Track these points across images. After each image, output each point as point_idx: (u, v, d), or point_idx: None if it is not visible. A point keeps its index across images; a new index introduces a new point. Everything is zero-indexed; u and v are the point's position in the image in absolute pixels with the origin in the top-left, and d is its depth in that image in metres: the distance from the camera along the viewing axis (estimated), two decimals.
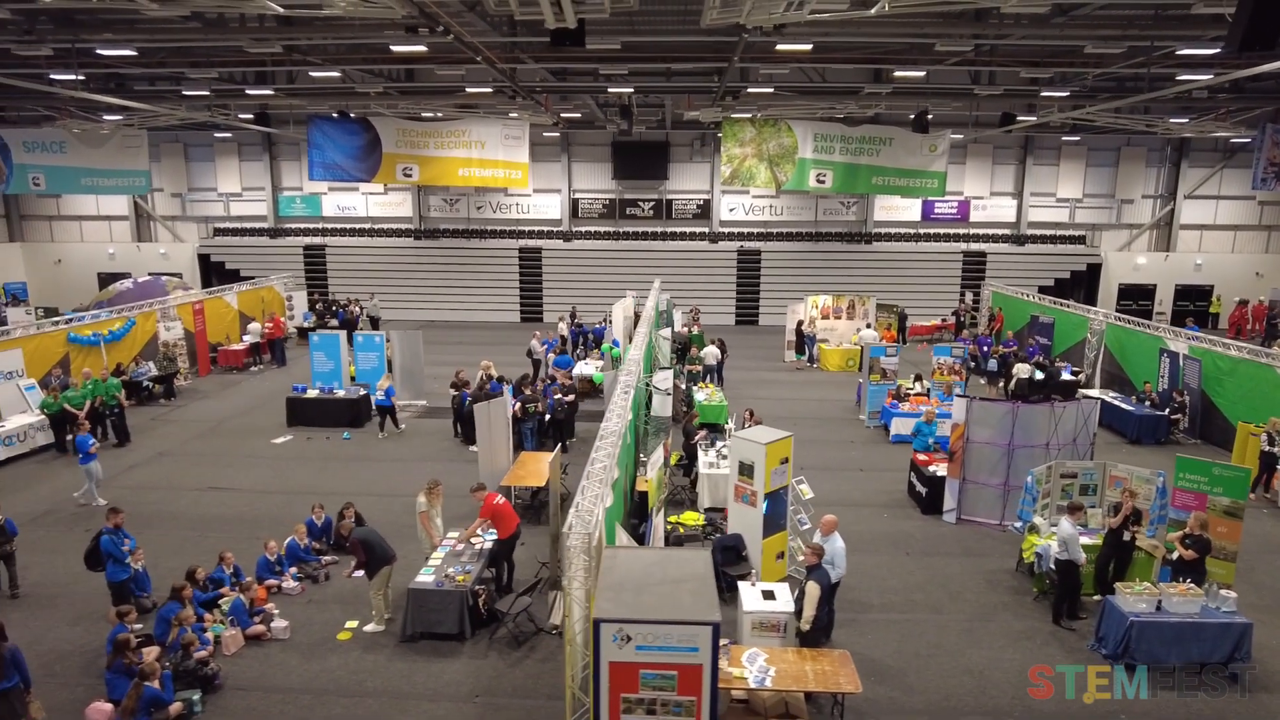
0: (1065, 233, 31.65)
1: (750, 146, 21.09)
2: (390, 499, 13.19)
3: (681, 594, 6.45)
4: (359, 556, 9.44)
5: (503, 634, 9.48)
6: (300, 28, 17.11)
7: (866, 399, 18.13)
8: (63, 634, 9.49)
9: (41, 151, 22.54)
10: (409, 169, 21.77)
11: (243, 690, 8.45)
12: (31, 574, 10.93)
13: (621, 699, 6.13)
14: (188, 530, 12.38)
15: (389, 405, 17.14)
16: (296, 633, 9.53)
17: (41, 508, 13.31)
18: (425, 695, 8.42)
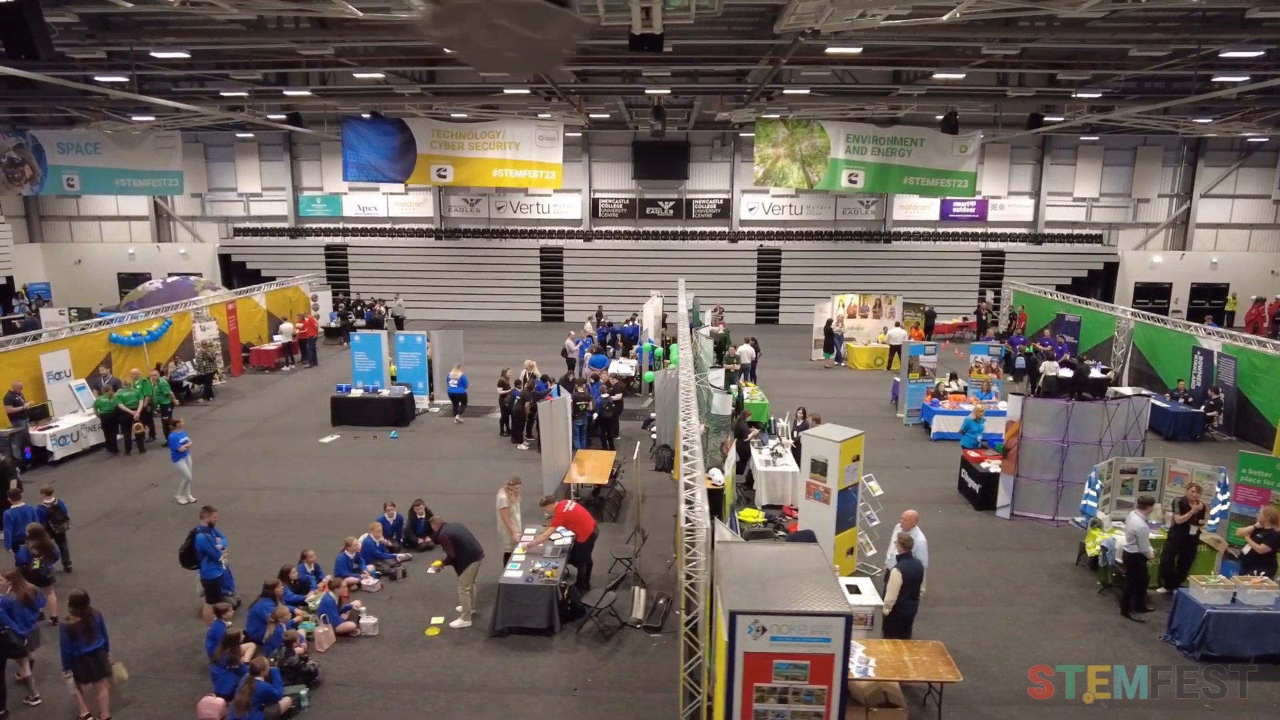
0: (1082, 232, 31.96)
1: (783, 147, 21.28)
2: (447, 496, 13.31)
3: (806, 586, 6.64)
4: (449, 552, 9.59)
5: (589, 628, 9.66)
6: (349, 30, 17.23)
7: (905, 397, 18.33)
8: (154, 631, 9.61)
9: (75, 153, 22.60)
10: (443, 170, 21.90)
11: (343, 686, 8.60)
12: (110, 572, 11.07)
13: (755, 688, 6.32)
14: (251, 529, 12.47)
15: (462, 392, 18.10)
16: (384, 629, 9.68)
17: (104, 507, 13.41)
18: (524, 689, 8.59)
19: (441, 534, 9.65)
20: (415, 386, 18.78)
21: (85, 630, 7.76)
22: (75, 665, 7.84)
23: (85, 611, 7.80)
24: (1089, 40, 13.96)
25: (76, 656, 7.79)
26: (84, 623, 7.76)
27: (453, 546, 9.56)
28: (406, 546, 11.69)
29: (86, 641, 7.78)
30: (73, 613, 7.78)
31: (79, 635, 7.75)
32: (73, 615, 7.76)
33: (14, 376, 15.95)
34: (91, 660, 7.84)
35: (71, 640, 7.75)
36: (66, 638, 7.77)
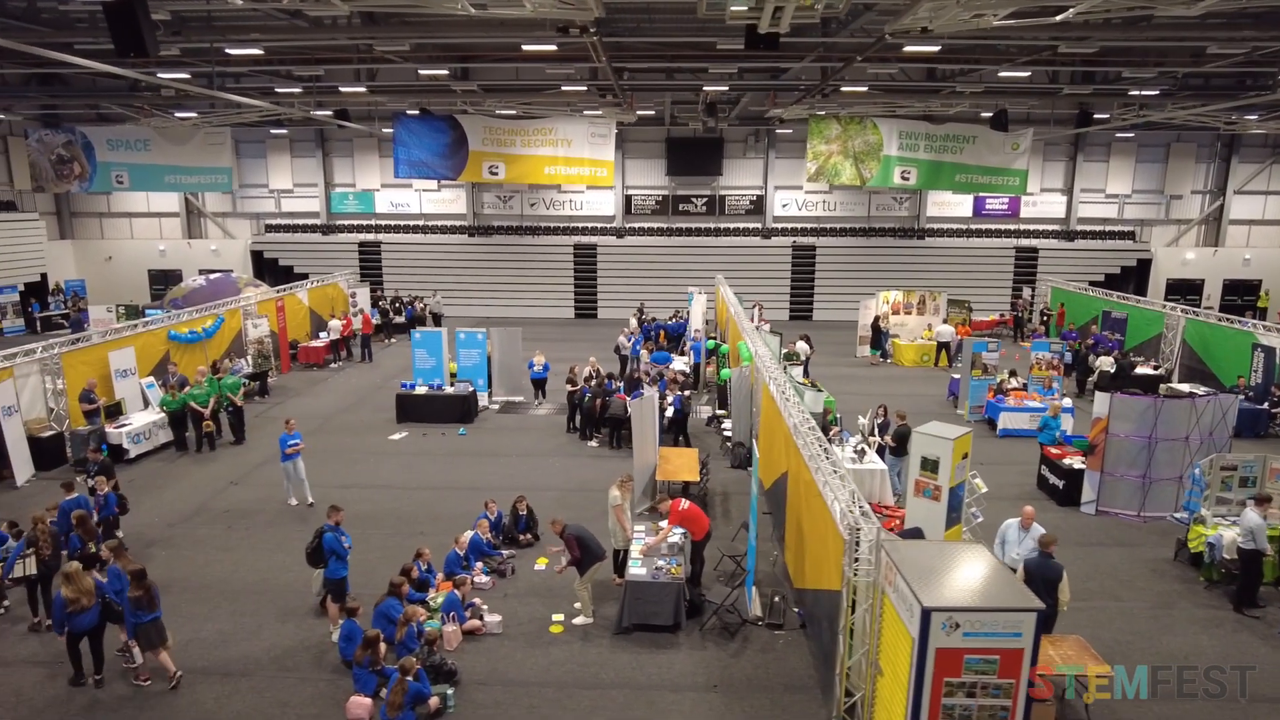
0: (1114, 228, 32.07)
1: (836, 144, 21.32)
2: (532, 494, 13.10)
3: (986, 582, 6.69)
4: (573, 553, 9.61)
5: (712, 625, 9.69)
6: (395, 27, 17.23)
7: (968, 394, 18.40)
8: (277, 630, 9.61)
9: (125, 149, 22.51)
10: (495, 167, 21.87)
11: (483, 685, 8.61)
12: (215, 571, 11.06)
13: (944, 683, 6.38)
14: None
15: (544, 377, 18.81)
16: (507, 626, 9.70)
17: (189, 505, 13.38)
18: (665, 686, 8.62)
19: (566, 535, 9.66)
20: (475, 384, 18.77)
21: (147, 601, 8.37)
22: (138, 633, 8.44)
23: (145, 584, 8.41)
24: (1169, 38, 14.01)
25: (140, 625, 8.38)
26: (146, 594, 8.36)
27: (577, 547, 9.59)
28: (509, 543, 11.70)
29: (148, 611, 8.37)
30: (136, 585, 8.36)
31: (142, 605, 8.34)
32: (136, 588, 8.34)
33: (85, 375, 15.92)
34: (152, 628, 8.43)
35: (135, 610, 8.33)
36: (130, 608, 8.35)
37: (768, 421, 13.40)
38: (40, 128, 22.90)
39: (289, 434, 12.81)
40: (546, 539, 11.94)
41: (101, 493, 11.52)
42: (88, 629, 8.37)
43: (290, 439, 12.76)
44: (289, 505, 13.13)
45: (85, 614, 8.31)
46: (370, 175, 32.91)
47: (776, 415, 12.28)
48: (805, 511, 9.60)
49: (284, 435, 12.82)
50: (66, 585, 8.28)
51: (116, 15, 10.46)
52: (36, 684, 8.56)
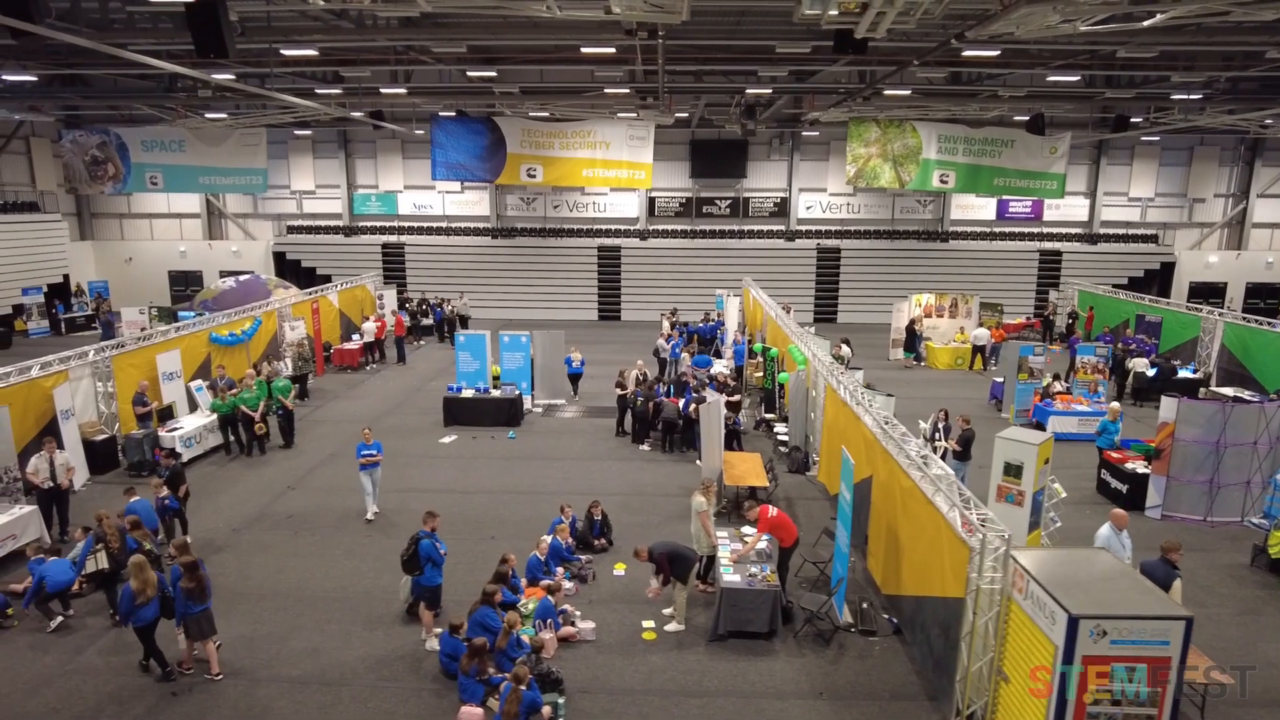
0: (1136, 232, 32.17)
1: (875, 147, 21.32)
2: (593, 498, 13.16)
3: (1126, 589, 6.67)
4: (665, 572, 9.54)
5: (805, 632, 9.64)
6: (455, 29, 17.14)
7: (1014, 397, 18.39)
8: (366, 638, 9.50)
9: (160, 150, 22.35)
10: (533, 169, 21.80)
11: (587, 693, 8.52)
12: (289, 579, 10.94)
13: (1090, 691, 6.34)
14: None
15: (580, 372, 19.37)
16: (599, 633, 9.62)
17: (250, 510, 13.24)
18: (770, 694, 8.55)
19: (656, 557, 9.56)
20: (520, 387, 18.68)
21: (199, 592, 8.51)
22: (187, 623, 8.55)
23: (198, 575, 8.55)
24: (1232, 42, 14.03)
25: (190, 615, 8.51)
26: (198, 586, 8.50)
27: (669, 565, 9.52)
28: (584, 548, 11.62)
29: (198, 602, 8.51)
30: (188, 577, 8.48)
31: (193, 596, 8.48)
32: (189, 579, 8.47)
33: (134, 378, 15.78)
34: (202, 619, 8.59)
35: (186, 601, 8.46)
36: (182, 598, 8.47)
37: (835, 426, 13.35)
38: (73, 129, 22.70)
39: (365, 443, 12.42)
40: (621, 544, 11.90)
41: (161, 496, 11.42)
42: (151, 621, 8.54)
43: (366, 448, 12.40)
44: (366, 519, 12.73)
45: (148, 607, 8.48)
46: (393, 177, 32.80)
47: (851, 420, 12.24)
48: (902, 517, 9.55)
49: (360, 444, 12.47)
50: (134, 577, 8.48)
51: (198, 16, 10.37)
52: (130, 681, 8.46)
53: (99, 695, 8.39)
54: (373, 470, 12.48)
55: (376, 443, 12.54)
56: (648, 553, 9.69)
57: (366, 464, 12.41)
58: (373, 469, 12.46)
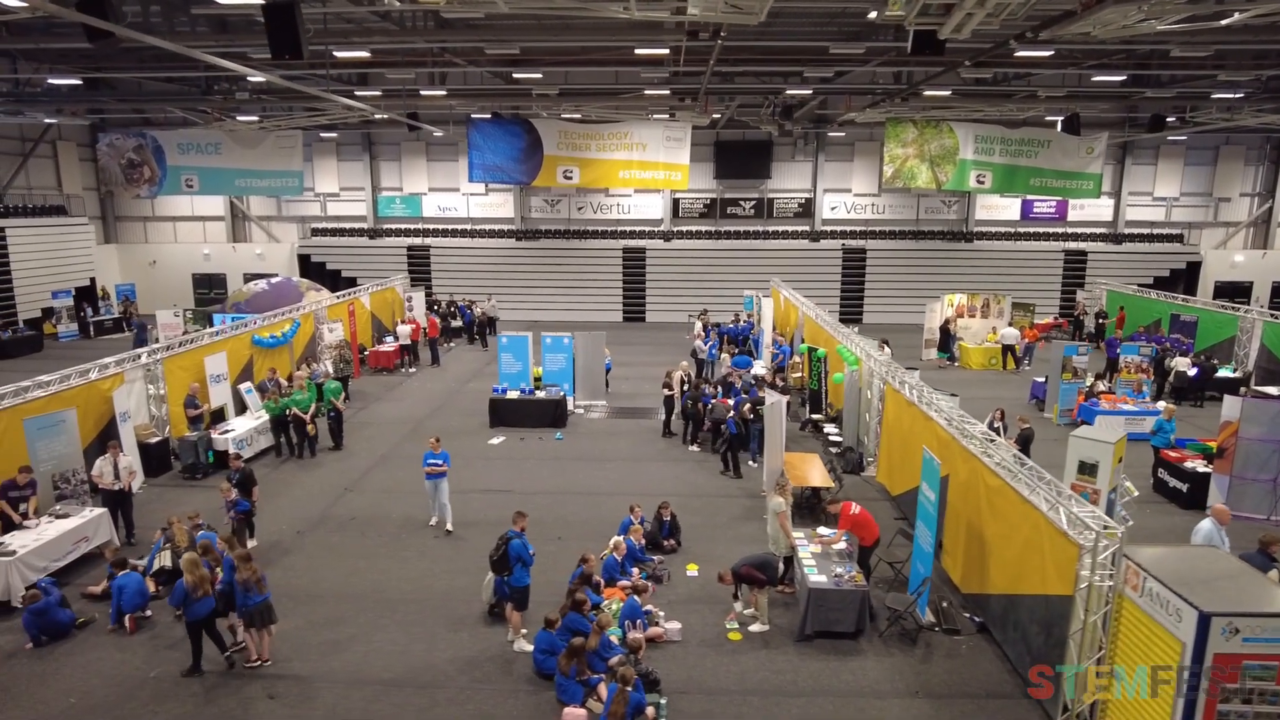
0: (1161, 231, 32.18)
1: (912, 147, 21.34)
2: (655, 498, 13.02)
3: (1251, 586, 6.66)
4: (757, 581, 9.51)
5: (890, 631, 9.62)
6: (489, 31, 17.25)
7: (1057, 396, 18.37)
8: (452, 640, 9.46)
9: (196, 153, 22.37)
10: (570, 171, 21.82)
11: (684, 693, 8.49)
12: (363, 581, 10.91)
13: (1220, 689, 6.32)
14: (483, 534, 12.26)
15: (608, 368, 19.61)
16: (684, 633, 9.60)
17: (311, 512, 13.21)
18: (866, 693, 8.53)
19: (743, 573, 9.53)
20: (563, 388, 18.67)
21: (257, 583, 8.69)
22: (249, 614, 8.68)
23: (253, 566, 8.75)
24: (1268, 40, 14.03)
25: (250, 606, 8.64)
26: (254, 575, 8.69)
27: (761, 574, 9.50)
28: (653, 549, 11.60)
29: (258, 592, 8.68)
30: (244, 567, 8.65)
31: (251, 588, 8.64)
32: (245, 569, 8.64)
33: (182, 380, 15.77)
34: (263, 608, 8.73)
35: (245, 592, 8.61)
36: (241, 590, 8.63)
37: (897, 426, 13.34)
38: (109, 132, 22.72)
39: (433, 452, 12.13)
40: (690, 545, 11.90)
41: (230, 499, 11.39)
42: (205, 616, 8.61)
43: (433, 457, 12.09)
44: (429, 524, 12.57)
45: (202, 602, 8.54)
46: (417, 179, 32.82)
47: (918, 419, 12.24)
48: (989, 516, 9.53)
49: (427, 453, 12.19)
50: (188, 573, 8.54)
51: (276, 17, 10.38)
52: (220, 681, 8.44)
53: (193, 696, 8.38)
54: (439, 480, 12.14)
55: (444, 452, 12.20)
56: (731, 574, 9.63)
57: (433, 473, 12.10)
58: (439, 479, 12.13)
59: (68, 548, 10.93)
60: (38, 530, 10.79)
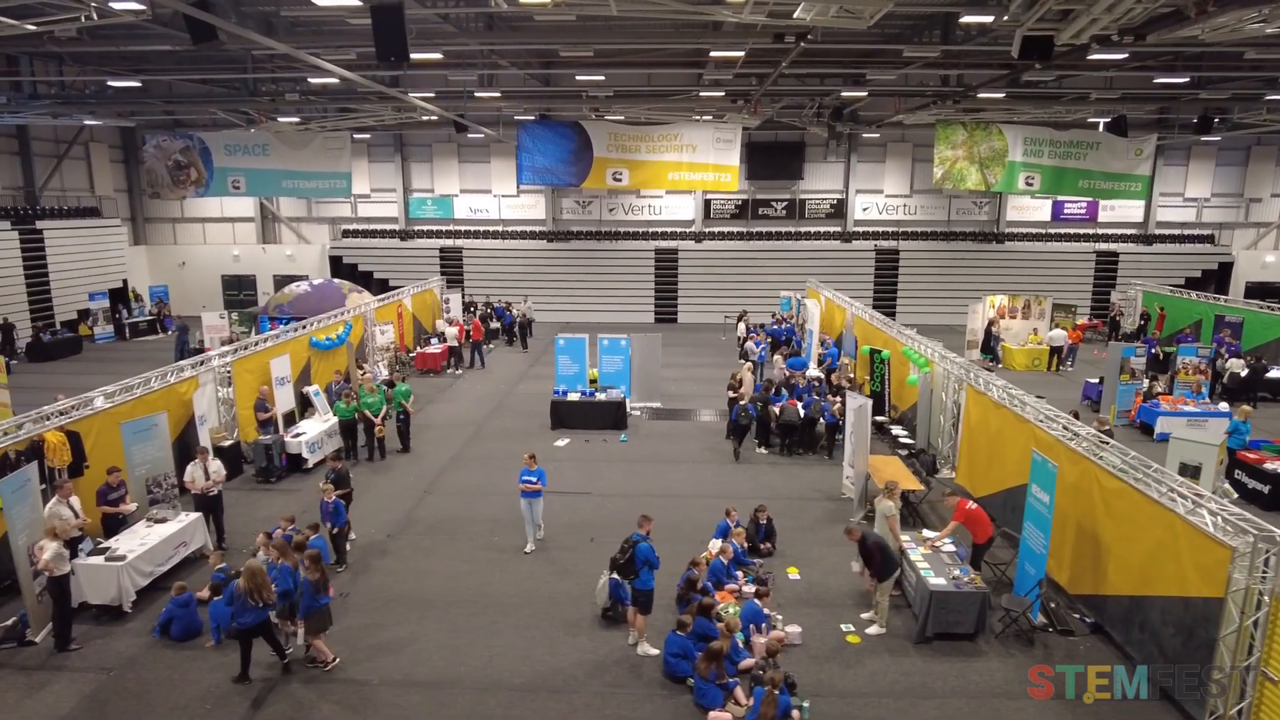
0: (1192, 232, 32.31)
1: (962, 149, 21.38)
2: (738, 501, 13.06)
3: None
4: (874, 560, 9.54)
5: (1003, 632, 9.64)
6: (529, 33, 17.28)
7: (1114, 398, 18.42)
8: (571, 643, 9.45)
9: (242, 154, 22.30)
10: (619, 173, 21.81)
11: (819, 696, 8.46)
12: (468, 584, 10.89)
13: None
14: (576, 537, 12.25)
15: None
16: (803, 636, 9.60)
17: (393, 516, 13.15)
18: (999, 694, 8.54)
19: (869, 545, 9.57)
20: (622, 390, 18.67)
21: (324, 584, 8.61)
22: (309, 618, 8.61)
23: (322, 568, 8.68)
24: None
25: (314, 609, 8.56)
26: (323, 577, 8.61)
27: (879, 555, 9.52)
28: (749, 552, 11.60)
29: (325, 594, 8.63)
30: (314, 568, 8.56)
31: (320, 589, 8.57)
32: (314, 570, 8.55)
33: (249, 383, 15.74)
34: (325, 612, 8.71)
35: (314, 594, 8.52)
36: (310, 591, 8.52)
37: (982, 428, 13.35)
38: (156, 134, 22.66)
39: (529, 469, 11.50)
40: (785, 549, 11.90)
41: (329, 500, 11.36)
42: (254, 625, 8.45)
43: (528, 474, 11.43)
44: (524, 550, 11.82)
45: (254, 611, 8.37)
46: (449, 180, 32.79)
47: (1009, 421, 12.27)
48: (1105, 517, 9.55)
49: (523, 470, 11.55)
50: (244, 578, 8.35)
51: (383, 18, 10.37)
52: (347, 690, 8.42)
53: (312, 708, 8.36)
54: (534, 499, 11.49)
55: (540, 470, 11.56)
56: (861, 536, 9.64)
57: (529, 491, 11.45)
58: (534, 497, 11.48)
59: (169, 552, 10.89)
60: (142, 535, 10.76)
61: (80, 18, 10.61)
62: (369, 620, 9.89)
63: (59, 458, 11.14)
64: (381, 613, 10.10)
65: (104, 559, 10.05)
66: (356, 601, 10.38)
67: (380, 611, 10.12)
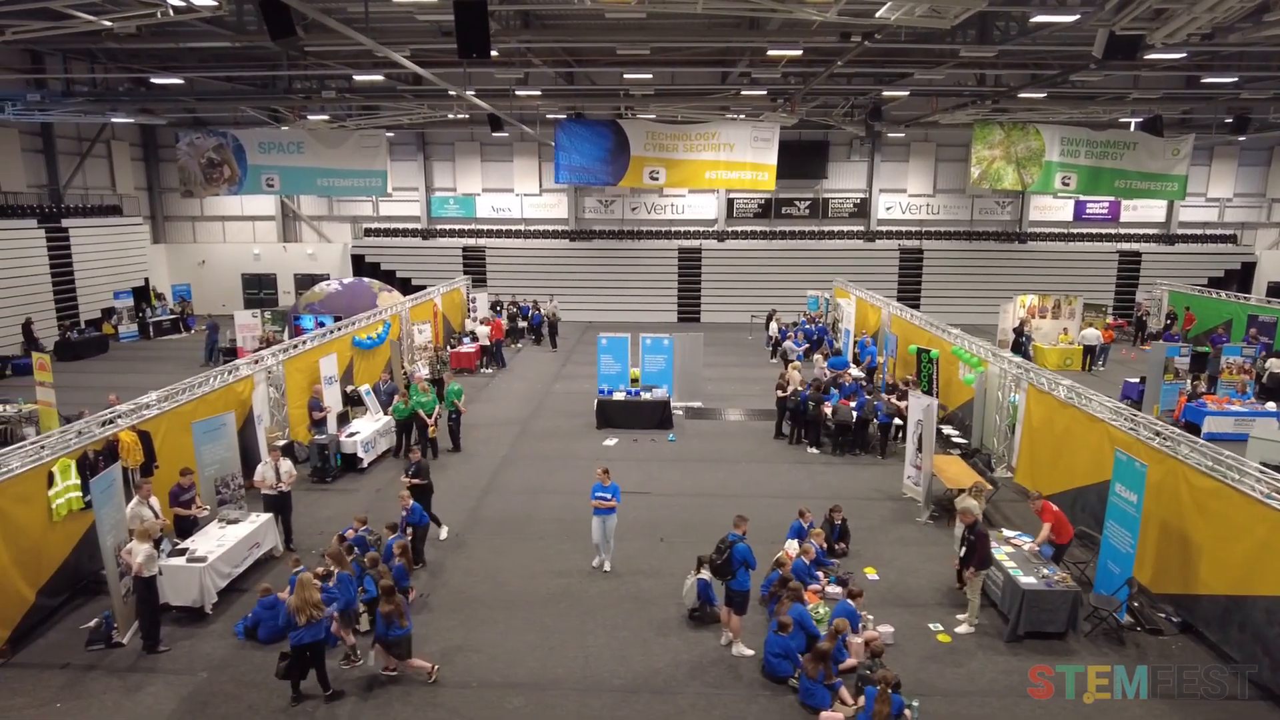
0: (1214, 232, 32.43)
1: (999, 149, 21.39)
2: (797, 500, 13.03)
3: None
4: (982, 549, 9.51)
5: (1091, 631, 9.64)
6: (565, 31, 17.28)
7: (1158, 398, 18.45)
8: (663, 643, 9.42)
9: (277, 152, 22.17)
10: (656, 172, 21.75)
11: (921, 695, 8.44)
12: (546, 584, 10.82)
13: None
14: (638, 536, 12.19)
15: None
16: (895, 636, 9.58)
17: (460, 515, 13.01)
18: (1105, 692, 8.54)
19: (979, 531, 9.55)
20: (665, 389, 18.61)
21: (399, 615, 8.45)
22: (387, 644, 8.51)
23: (395, 600, 8.48)
24: None
25: (389, 639, 8.44)
26: (397, 609, 8.43)
27: (985, 546, 9.50)
28: (826, 552, 11.56)
29: (399, 626, 8.46)
30: (386, 600, 8.41)
31: (393, 621, 8.40)
32: (387, 603, 8.39)
33: (299, 382, 15.67)
34: (404, 641, 8.53)
35: (387, 626, 8.40)
36: (383, 624, 8.41)
37: (1046, 427, 13.35)
38: (189, 131, 22.52)
39: (601, 484, 10.80)
40: (854, 548, 11.87)
41: (405, 505, 11.28)
42: (309, 644, 8.11)
43: (601, 490, 10.76)
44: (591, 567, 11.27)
45: (309, 628, 8.06)
46: (471, 179, 32.69)
47: (1078, 420, 12.28)
48: (1196, 517, 9.55)
49: (596, 485, 10.88)
50: (295, 594, 8.14)
51: (466, 14, 10.30)
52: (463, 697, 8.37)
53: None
54: (607, 516, 10.80)
55: (614, 485, 10.87)
56: (974, 521, 9.58)
57: (602, 508, 10.75)
58: (607, 514, 10.79)
59: (244, 553, 10.82)
60: (218, 536, 10.66)
61: (156, 14, 10.52)
62: (455, 621, 9.84)
63: (132, 457, 11.06)
64: (466, 613, 10.04)
65: (185, 560, 9.97)
66: (440, 602, 10.33)
67: (465, 612, 10.07)
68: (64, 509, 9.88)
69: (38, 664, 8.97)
